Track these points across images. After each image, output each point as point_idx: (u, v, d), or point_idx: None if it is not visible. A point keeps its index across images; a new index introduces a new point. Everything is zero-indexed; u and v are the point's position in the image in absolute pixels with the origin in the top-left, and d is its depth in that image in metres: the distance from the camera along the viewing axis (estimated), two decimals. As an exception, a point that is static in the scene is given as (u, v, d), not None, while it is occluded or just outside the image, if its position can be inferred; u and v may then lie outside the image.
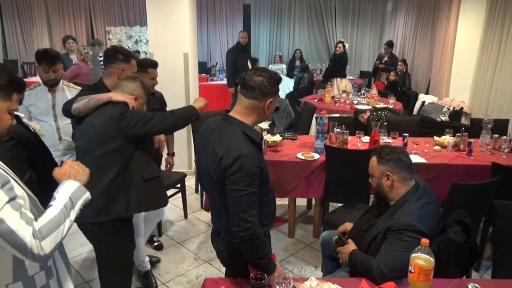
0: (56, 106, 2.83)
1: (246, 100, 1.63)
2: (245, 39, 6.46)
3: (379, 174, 1.94)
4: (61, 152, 2.89)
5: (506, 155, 3.30)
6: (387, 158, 1.93)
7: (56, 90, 2.85)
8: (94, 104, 2.02)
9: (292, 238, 3.55)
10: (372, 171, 2.00)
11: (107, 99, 2.01)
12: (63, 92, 2.88)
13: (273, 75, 1.64)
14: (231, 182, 1.52)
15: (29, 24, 9.75)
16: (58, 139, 2.86)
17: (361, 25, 10.35)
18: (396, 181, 1.90)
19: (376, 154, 2.00)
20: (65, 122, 2.86)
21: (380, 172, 1.94)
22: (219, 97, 7.26)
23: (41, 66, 2.72)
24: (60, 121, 2.86)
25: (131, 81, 2.15)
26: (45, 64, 2.71)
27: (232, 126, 1.63)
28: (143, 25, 9.66)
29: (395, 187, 1.90)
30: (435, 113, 5.74)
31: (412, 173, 1.94)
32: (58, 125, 2.86)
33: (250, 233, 1.53)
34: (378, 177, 1.95)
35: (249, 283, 1.57)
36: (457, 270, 1.86)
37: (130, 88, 2.12)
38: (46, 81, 2.78)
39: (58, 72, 2.80)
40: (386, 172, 1.91)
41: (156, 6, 4.49)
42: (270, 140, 3.48)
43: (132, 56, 2.37)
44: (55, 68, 2.75)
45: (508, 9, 5.48)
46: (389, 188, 1.92)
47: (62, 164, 1.36)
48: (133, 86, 2.13)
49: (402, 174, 1.90)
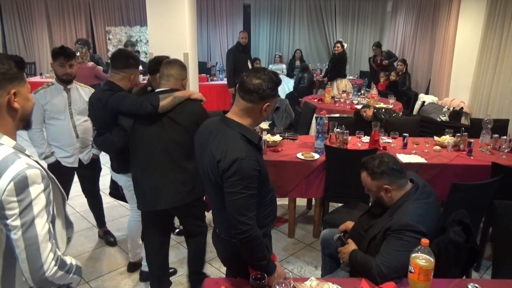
0: (72, 104, 2.89)
1: (243, 102, 1.61)
2: (245, 40, 6.45)
3: (376, 189, 1.92)
4: (78, 150, 2.96)
5: (506, 155, 3.30)
6: (380, 172, 1.88)
7: (71, 89, 2.90)
8: (178, 101, 2.24)
9: (292, 238, 3.55)
10: (367, 187, 1.96)
11: (188, 96, 2.27)
12: (77, 91, 2.94)
13: (272, 78, 1.61)
14: (229, 185, 1.52)
15: (29, 24, 9.74)
16: (75, 137, 2.92)
17: (361, 25, 10.35)
18: (394, 190, 1.89)
19: (366, 170, 1.94)
20: (81, 120, 2.94)
21: (377, 187, 1.91)
22: (219, 97, 7.26)
23: (58, 60, 2.78)
24: (76, 119, 2.92)
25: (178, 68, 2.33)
26: (62, 59, 2.77)
27: (229, 127, 1.61)
28: (143, 25, 9.66)
29: (393, 194, 1.89)
30: (435, 113, 5.74)
31: (406, 176, 1.93)
32: (74, 123, 2.91)
33: (248, 236, 1.53)
34: (376, 192, 1.93)
35: (249, 283, 1.57)
36: (457, 270, 1.86)
37: (181, 75, 2.34)
38: (62, 76, 2.81)
39: (73, 68, 2.85)
40: (384, 186, 1.88)
41: (156, 6, 4.49)
42: (270, 140, 3.48)
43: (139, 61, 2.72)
44: (71, 63, 2.81)
45: (508, 9, 5.48)
46: (388, 198, 1.91)
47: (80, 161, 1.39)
48: (183, 72, 2.36)
49: (398, 182, 1.89)
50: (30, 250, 1.10)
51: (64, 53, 2.78)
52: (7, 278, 1.17)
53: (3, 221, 1.10)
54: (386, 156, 1.95)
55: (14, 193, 1.09)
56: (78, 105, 2.92)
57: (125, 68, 2.46)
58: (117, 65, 2.47)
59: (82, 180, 3.20)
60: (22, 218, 1.10)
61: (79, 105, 2.92)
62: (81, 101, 2.93)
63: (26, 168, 1.11)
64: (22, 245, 1.10)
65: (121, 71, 2.46)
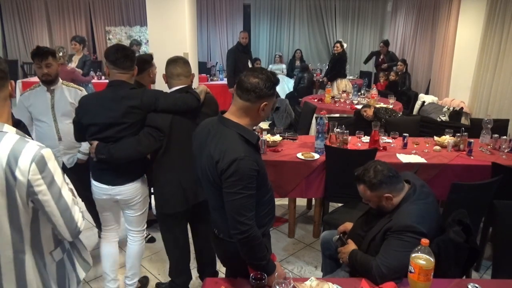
0: (55, 106, 2.79)
1: (240, 101, 1.61)
2: (245, 40, 6.45)
3: (377, 199, 1.90)
4: (61, 152, 2.86)
5: (506, 155, 3.30)
6: (378, 182, 1.85)
7: (55, 90, 2.81)
8: (205, 95, 2.38)
9: (292, 238, 3.55)
10: (367, 198, 1.94)
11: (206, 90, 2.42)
12: (62, 91, 2.83)
13: (270, 77, 1.59)
14: (227, 186, 1.52)
15: (29, 24, 9.75)
16: (57, 139, 2.82)
17: (361, 25, 10.36)
18: (394, 196, 1.88)
19: (363, 183, 1.91)
20: (64, 122, 2.82)
21: (378, 197, 1.89)
22: (219, 97, 7.21)
23: (35, 62, 2.73)
24: (59, 121, 2.82)
25: (183, 66, 2.37)
26: (37, 59, 2.70)
27: (228, 128, 1.61)
28: (143, 25, 9.67)
29: (394, 200, 1.89)
30: (435, 113, 5.74)
31: (402, 179, 1.93)
32: (57, 125, 2.81)
33: (247, 236, 1.53)
34: (377, 202, 1.91)
35: (249, 283, 1.57)
36: (457, 270, 1.86)
37: (189, 72, 2.40)
38: (41, 77, 2.75)
39: (52, 67, 2.74)
40: (385, 195, 1.86)
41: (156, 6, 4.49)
42: (270, 140, 3.48)
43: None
44: (47, 62, 2.71)
45: (508, 9, 5.48)
46: (390, 205, 1.89)
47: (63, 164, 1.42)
48: (189, 68, 2.40)
49: (396, 187, 1.88)
50: (65, 215, 1.31)
51: (38, 53, 2.70)
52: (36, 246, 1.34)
53: (33, 197, 1.25)
54: (379, 164, 1.92)
55: (38, 171, 1.23)
56: (61, 106, 2.80)
57: (147, 69, 2.76)
58: (141, 66, 2.60)
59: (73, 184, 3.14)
60: (51, 192, 1.27)
61: (62, 107, 2.81)
62: (64, 102, 2.82)
63: (40, 149, 1.25)
64: (58, 214, 1.29)
65: (143, 70, 2.67)
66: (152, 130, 2.26)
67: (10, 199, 1.24)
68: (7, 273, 1.31)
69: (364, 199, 1.97)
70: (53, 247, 1.40)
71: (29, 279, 1.33)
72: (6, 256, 1.29)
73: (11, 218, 1.26)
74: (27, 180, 1.22)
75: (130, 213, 2.48)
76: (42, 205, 1.27)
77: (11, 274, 1.31)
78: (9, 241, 1.28)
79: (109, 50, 2.28)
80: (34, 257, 1.34)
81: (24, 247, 1.31)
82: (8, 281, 1.31)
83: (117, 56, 2.24)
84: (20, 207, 1.26)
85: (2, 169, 1.21)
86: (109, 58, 2.26)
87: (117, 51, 2.26)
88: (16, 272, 1.31)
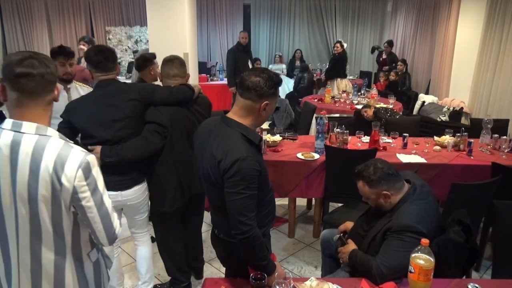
0: None
1: (242, 100, 1.61)
2: (245, 39, 6.45)
3: (375, 197, 1.90)
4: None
5: (506, 155, 3.30)
6: (377, 179, 1.86)
7: (71, 88, 2.86)
8: (198, 92, 2.46)
9: (292, 238, 3.55)
10: (365, 195, 1.94)
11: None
12: (77, 90, 2.88)
13: (272, 77, 1.59)
14: (230, 185, 1.51)
15: (29, 24, 9.74)
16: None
17: (361, 25, 10.35)
18: (393, 195, 1.88)
19: (362, 179, 1.92)
20: None
21: (376, 195, 1.89)
22: (219, 97, 7.26)
23: (58, 60, 2.72)
24: None
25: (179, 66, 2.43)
26: (63, 58, 2.72)
27: (230, 127, 1.60)
28: (143, 25, 9.66)
29: (393, 199, 1.89)
30: (435, 113, 5.74)
31: (401, 178, 1.93)
32: None
33: (248, 236, 1.53)
34: (375, 199, 1.91)
35: (249, 283, 1.57)
36: (457, 270, 1.86)
37: (184, 73, 2.47)
38: (62, 76, 2.75)
39: (73, 67, 2.81)
40: (383, 192, 1.87)
41: (156, 6, 4.49)
42: (270, 140, 3.48)
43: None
44: (71, 62, 2.77)
45: (508, 9, 5.48)
46: (388, 203, 1.90)
47: None
48: (185, 68, 2.47)
49: (396, 186, 1.88)
50: (105, 221, 1.33)
51: (64, 52, 2.74)
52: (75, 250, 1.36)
53: (77, 203, 1.26)
54: (379, 162, 1.93)
55: (83, 178, 1.25)
56: None
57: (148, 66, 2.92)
58: (144, 65, 2.78)
59: None
60: (94, 198, 1.28)
61: None
62: None
63: (85, 155, 1.27)
64: (98, 220, 1.30)
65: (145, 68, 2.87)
66: (156, 126, 2.25)
67: (55, 204, 1.25)
68: (47, 275, 1.32)
69: (363, 196, 1.98)
70: (90, 248, 1.42)
71: (67, 284, 1.35)
72: (48, 259, 1.30)
73: (54, 223, 1.27)
74: (72, 186, 1.23)
75: (138, 217, 2.46)
76: (85, 211, 1.28)
77: (50, 277, 1.32)
78: (51, 244, 1.29)
79: (89, 54, 2.22)
80: (74, 262, 1.35)
81: (65, 252, 1.32)
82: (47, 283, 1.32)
83: (98, 60, 2.18)
84: (64, 212, 1.27)
85: (49, 175, 1.21)
86: (90, 62, 2.20)
87: (96, 54, 2.19)
88: (56, 275, 1.32)
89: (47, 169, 1.21)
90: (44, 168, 1.21)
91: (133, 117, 2.21)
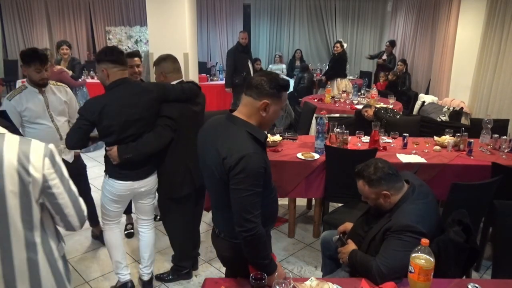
0: (50, 106, 2.78)
1: (244, 97, 1.62)
2: (245, 40, 6.44)
3: (375, 196, 1.90)
4: (63, 151, 2.89)
5: (506, 155, 3.30)
6: (377, 178, 1.86)
7: (45, 91, 2.77)
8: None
9: (292, 238, 3.55)
10: (365, 195, 1.94)
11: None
12: (52, 91, 2.82)
13: (278, 80, 1.59)
14: (235, 182, 1.50)
15: (29, 24, 9.75)
16: (59, 139, 2.80)
17: (361, 25, 10.35)
18: (392, 195, 1.88)
19: (362, 179, 1.92)
20: (61, 121, 2.86)
21: (376, 194, 1.89)
22: (219, 97, 7.25)
23: (34, 66, 2.62)
24: (57, 121, 2.82)
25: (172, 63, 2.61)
26: (39, 64, 2.62)
27: (236, 125, 1.60)
28: (143, 25, 9.66)
29: (392, 199, 1.89)
30: (435, 113, 5.74)
31: (402, 178, 1.93)
32: (56, 125, 2.82)
33: (253, 234, 1.52)
34: (375, 199, 1.91)
35: (249, 283, 1.57)
36: (457, 270, 1.86)
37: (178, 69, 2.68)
38: (38, 81, 2.68)
39: (49, 70, 2.74)
40: (382, 192, 1.87)
41: (156, 6, 4.50)
42: (270, 140, 3.48)
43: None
44: (47, 66, 2.69)
45: (508, 9, 5.48)
46: (388, 203, 1.90)
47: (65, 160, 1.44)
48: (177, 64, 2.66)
49: (395, 186, 1.88)
50: (75, 205, 1.37)
51: (39, 58, 2.63)
52: (46, 244, 1.36)
53: (47, 191, 1.29)
54: (379, 162, 1.93)
55: (51, 165, 1.28)
56: (56, 106, 2.81)
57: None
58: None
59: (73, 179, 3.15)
60: (63, 184, 1.32)
61: (57, 106, 2.81)
62: (58, 102, 2.83)
63: (46, 144, 1.31)
64: (70, 205, 1.35)
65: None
66: (166, 120, 2.42)
67: (24, 198, 1.25)
68: (21, 276, 1.30)
69: (362, 196, 1.97)
70: (58, 242, 1.42)
71: (43, 281, 1.34)
72: (20, 259, 1.29)
73: (24, 217, 1.27)
74: (42, 175, 1.25)
75: (146, 202, 2.65)
76: (56, 197, 1.30)
77: (25, 277, 1.30)
78: (22, 242, 1.28)
79: (105, 52, 2.34)
80: (46, 257, 1.35)
81: (37, 247, 1.32)
82: (22, 284, 1.30)
83: (116, 54, 2.32)
84: (33, 205, 1.27)
85: (15, 169, 1.21)
86: (108, 58, 2.29)
87: (112, 51, 2.34)
88: (30, 274, 1.31)
89: (11, 164, 1.21)
90: (8, 164, 1.21)
91: (152, 116, 2.40)
